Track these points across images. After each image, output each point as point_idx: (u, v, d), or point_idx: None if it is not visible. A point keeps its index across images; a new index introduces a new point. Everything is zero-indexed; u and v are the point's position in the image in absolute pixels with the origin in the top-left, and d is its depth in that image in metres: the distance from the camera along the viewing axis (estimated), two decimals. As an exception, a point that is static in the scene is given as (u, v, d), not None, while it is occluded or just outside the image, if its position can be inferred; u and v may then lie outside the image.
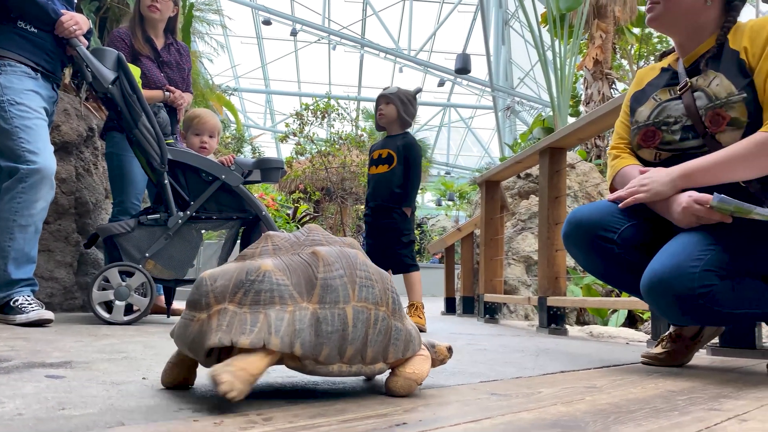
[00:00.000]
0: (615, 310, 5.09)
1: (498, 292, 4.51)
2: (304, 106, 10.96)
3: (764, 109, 1.43)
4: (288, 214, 10.36)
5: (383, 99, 3.32)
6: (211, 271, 0.91)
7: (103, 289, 2.43)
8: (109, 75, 2.45)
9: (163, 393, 0.94)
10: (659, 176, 1.53)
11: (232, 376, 0.77)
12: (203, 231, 2.77)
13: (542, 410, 0.93)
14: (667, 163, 1.56)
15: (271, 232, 0.98)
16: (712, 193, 1.38)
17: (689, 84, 1.55)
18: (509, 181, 6.32)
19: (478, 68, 17.34)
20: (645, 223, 1.61)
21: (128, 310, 2.47)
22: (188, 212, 2.62)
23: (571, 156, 6.59)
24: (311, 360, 0.88)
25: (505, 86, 17.46)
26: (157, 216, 2.60)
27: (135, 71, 2.60)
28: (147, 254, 2.55)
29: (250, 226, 2.83)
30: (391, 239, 3.18)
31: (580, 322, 5.62)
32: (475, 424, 0.81)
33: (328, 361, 0.89)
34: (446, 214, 21.87)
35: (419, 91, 3.44)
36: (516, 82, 18.28)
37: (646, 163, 1.66)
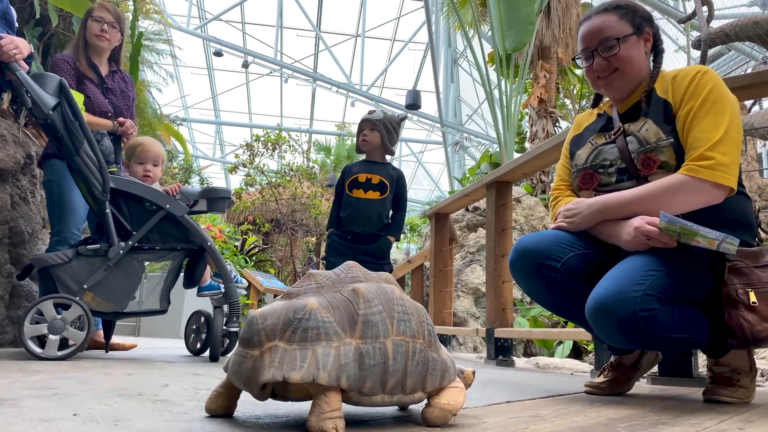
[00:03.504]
0: (561, 342, 5.19)
1: (447, 324, 4.53)
2: (254, 138, 10.91)
3: (686, 152, 1.53)
4: (236, 246, 10.18)
5: (368, 124, 3.19)
6: (261, 310, 0.98)
7: (37, 323, 2.31)
8: (50, 101, 2.38)
9: (96, 427, 0.90)
10: (581, 208, 1.64)
11: (331, 422, 0.87)
12: (146, 262, 2.69)
13: (486, 440, 0.93)
14: None
15: (313, 271, 1.05)
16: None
17: (622, 129, 1.64)
18: (458, 214, 6.42)
19: (429, 104, 17.73)
20: (590, 253, 1.66)
21: (64, 344, 2.36)
22: (130, 242, 2.54)
23: (518, 190, 6.77)
24: (356, 392, 0.94)
25: (455, 122, 17.87)
26: (97, 246, 2.51)
27: (78, 97, 2.54)
28: (85, 286, 2.45)
29: (194, 258, 2.76)
30: (373, 265, 2.98)
31: (528, 353, 5.69)
32: (419, 454, 0.80)
33: (372, 392, 0.95)
34: (397, 247, 21.96)
35: (405, 117, 3.37)
36: (465, 119, 18.75)
37: None
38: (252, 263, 10.36)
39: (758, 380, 3.09)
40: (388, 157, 3.27)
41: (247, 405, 1.26)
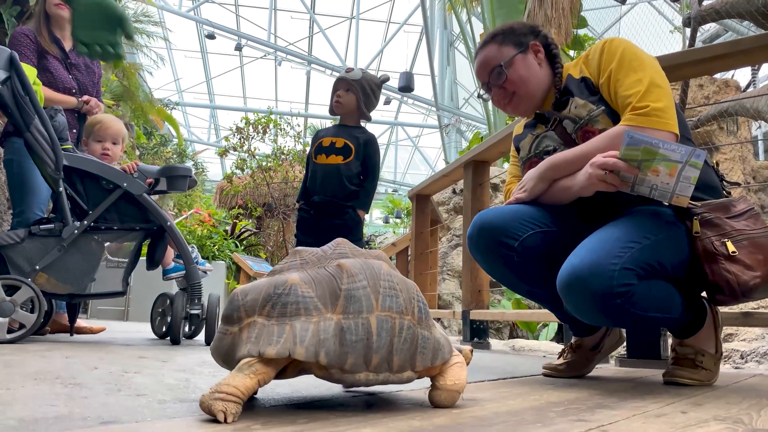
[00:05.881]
0: (546, 325, 5.13)
1: (430, 307, 4.46)
2: (245, 121, 10.79)
3: (621, 113, 1.48)
4: (226, 231, 10.10)
5: (344, 84, 2.86)
6: (243, 286, 0.96)
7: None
8: (-1, 74, 2.28)
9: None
10: (531, 175, 1.59)
11: (222, 402, 0.81)
12: (106, 243, 2.61)
13: (392, 425, 0.85)
14: None
15: (300, 248, 1.01)
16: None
17: (556, 118, 1.60)
18: (445, 196, 6.33)
19: (426, 88, 17.56)
20: (552, 232, 1.57)
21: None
22: (85, 222, 2.46)
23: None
24: (337, 369, 0.90)
25: (451, 106, 17.69)
26: (51, 226, 2.42)
27: (30, 71, 2.44)
28: (38, 267, 2.37)
29: (155, 238, 2.67)
30: None
31: (514, 336, 5.64)
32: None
33: (354, 369, 0.92)
34: (394, 232, 21.82)
35: (387, 79, 3.05)
36: (461, 102, 18.56)
37: None
38: (242, 248, 10.29)
39: (738, 362, 3.03)
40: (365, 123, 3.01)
41: (161, 386, 1.18)
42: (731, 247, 1.37)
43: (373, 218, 24.71)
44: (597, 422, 0.93)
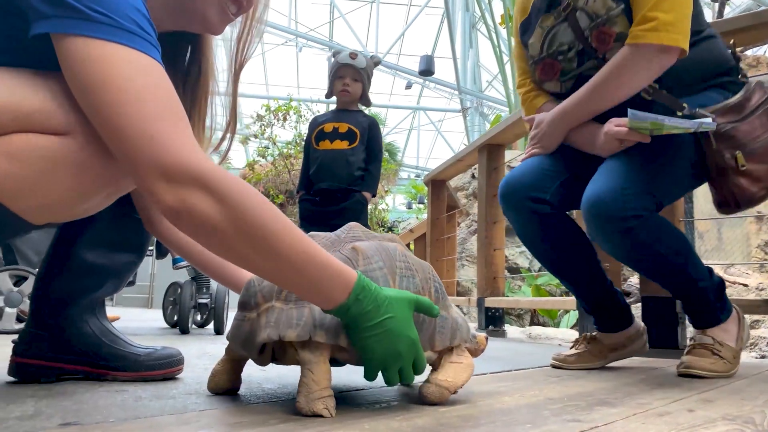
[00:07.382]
0: (567, 311, 5.03)
1: (448, 293, 4.40)
2: (265, 108, 10.80)
3: (633, 17, 1.39)
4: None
5: (351, 71, 2.82)
6: None
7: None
8: None
9: None
10: (543, 128, 1.55)
11: (321, 402, 0.84)
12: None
13: (367, 426, 0.80)
14: (574, 91, 1.52)
15: (313, 232, 1.01)
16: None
17: (570, 4, 1.48)
18: (464, 181, 6.24)
19: (448, 71, 17.34)
20: (568, 179, 1.55)
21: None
22: (92, 212, 2.45)
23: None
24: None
25: (474, 89, 17.45)
26: (58, 216, 2.42)
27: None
28: (45, 257, 2.37)
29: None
30: None
31: (535, 323, 5.55)
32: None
33: None
34: (417, 217, 21.74)
35: (379, 61, 3.08)
36: (485, 85, 18.29)
37: (555, 95, 1.60)
38: (265, 235, 10.34)
39: (764, 350, 2.91)
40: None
41: (145, 381, 1.15)
42: (741, 160, 1.36)
43: (396, 204, 24.65)
44: (591, 423, 0.86)
